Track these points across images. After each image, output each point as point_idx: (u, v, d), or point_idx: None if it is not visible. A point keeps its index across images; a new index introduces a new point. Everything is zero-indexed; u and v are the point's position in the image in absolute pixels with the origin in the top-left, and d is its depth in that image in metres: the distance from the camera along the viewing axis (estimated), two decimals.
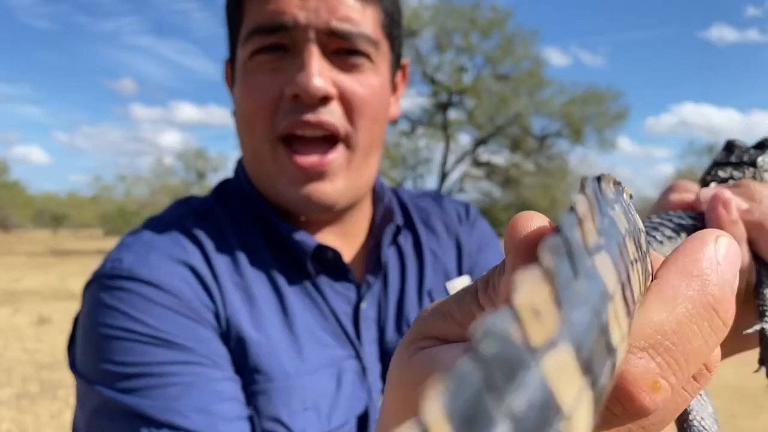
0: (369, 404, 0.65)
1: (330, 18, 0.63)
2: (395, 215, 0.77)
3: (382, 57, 0.69)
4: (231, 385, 0.60)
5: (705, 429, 0.40)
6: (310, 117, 0.64)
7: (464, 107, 25.66)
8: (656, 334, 0.19)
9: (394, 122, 0.74)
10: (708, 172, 0.48)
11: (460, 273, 0.79)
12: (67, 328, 8.45)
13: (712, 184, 0.45)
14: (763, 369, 0.43)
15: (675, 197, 0.44)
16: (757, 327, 0.41)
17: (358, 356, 0.67)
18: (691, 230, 0.40)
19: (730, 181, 0.45)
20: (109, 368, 0.58)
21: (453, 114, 25.99)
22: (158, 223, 0.69)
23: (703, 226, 0.39)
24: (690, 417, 0.41)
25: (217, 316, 0.62)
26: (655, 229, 0.40)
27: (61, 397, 4.94)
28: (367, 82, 0.67)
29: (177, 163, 44.20)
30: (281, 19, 0.62)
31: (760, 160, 0.46)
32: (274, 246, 0.70)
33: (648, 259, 0.21)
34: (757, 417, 4.46)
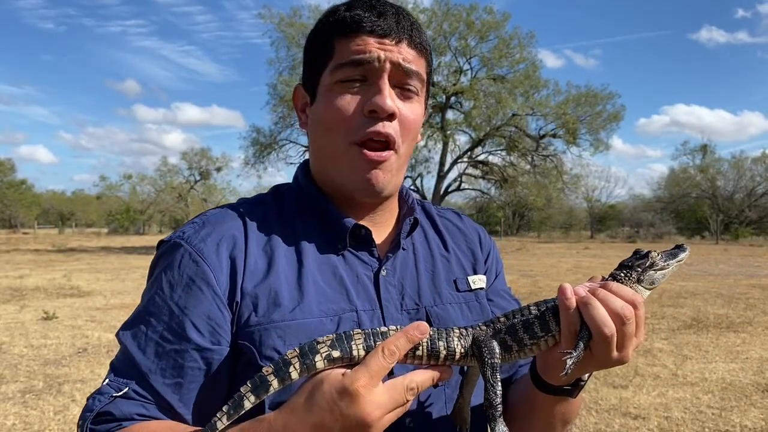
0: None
1: (399, 57, 0.90)
2: (415, 212, 1.03)
3: (423, 94, 0.97)
4: (200, 356, 0.85)
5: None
6: (380, 128, 0.90)
7: (462, 108, 25.52)
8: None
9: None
10: (615, 269, 0.85)
11: (474, 272, 1.06)
12: (72, 324, 8.47)
13: (609, 277, 0.85)
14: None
15: (586, 284, 0.83)
16: (568, 350, 0.79)
17: (373, 308, 0.92)
18: (552, 308, 0.82)
19: (609, 278, 0.85)
20: (138, 308, 0.89)
21: (451, 115, 25.90)
22: (223, 207, 0.98)
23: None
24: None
25: (232, 280, 0.87)
26: (537, 305, 0.83)
27: (66, 393, 4.99)
28: (414, 110, 0.95)
29: (181, 162, 44.36)
30: (366, 55, 0.89)
31: (635, 266, 0.84)
32: (314, 226, 0.96)
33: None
34: (747, 412, 4.50)
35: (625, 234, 40.34)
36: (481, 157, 27.65)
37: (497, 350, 0.80)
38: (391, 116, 0.89)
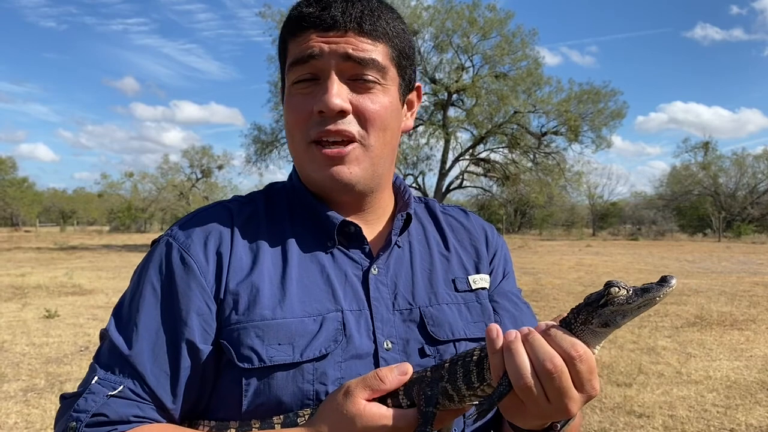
0: (345, 347, 0.86)
1: (347, 48, 0.86)
2: (409, 207, 0.99)
3: (391, 81, 0.92)
4: (187, 354, 0.84)
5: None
6: (331, 127, 0.87)
7: (464, 106, 25.45)
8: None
9: (409, 133, 0.95)
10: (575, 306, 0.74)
11: (477, 271, 1.01)
12: (74, 322, 8.46)
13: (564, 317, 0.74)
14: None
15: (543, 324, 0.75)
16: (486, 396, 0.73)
17: (360, 309, 0.89)
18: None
19: (562, 319, 0.73)
20: (126, 305, 0.87)
21: (452, 112, 25.82)
22: (213, 205, 0.97)
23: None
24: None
25: (218, 276, 0.86)
26: (482, 348, 0.75)
27: (68, 391, 4.98)
28: (377, 100, 0.90)
29: (182, 160, 44.37)
30: (310, 51, 0.87)
31: (589, 303, 0.70)
32: (304, 224, 0.94)
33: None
34: (752, 410, 4.47)
35: (627, 231, 40.28)
36: (483, 155, 27.58)
37: (434, 400, 0.75)
38: (341, 113, 0.86)
